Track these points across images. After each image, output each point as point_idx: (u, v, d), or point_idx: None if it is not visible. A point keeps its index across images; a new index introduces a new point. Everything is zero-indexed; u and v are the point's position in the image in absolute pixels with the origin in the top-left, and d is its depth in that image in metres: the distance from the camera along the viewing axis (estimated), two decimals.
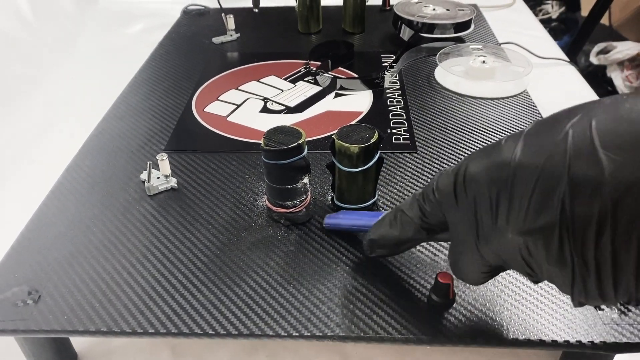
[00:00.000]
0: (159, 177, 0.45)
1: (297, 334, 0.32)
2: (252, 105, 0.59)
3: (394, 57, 0.68)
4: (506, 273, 0.36)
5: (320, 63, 0.66)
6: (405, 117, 0.56)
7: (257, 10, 0.86)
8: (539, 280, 0.26)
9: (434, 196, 0.28)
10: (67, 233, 0.41)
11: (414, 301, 0.34)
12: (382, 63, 0.69)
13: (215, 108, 0.59)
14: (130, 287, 0.36)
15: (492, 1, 0.94)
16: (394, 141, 0.52)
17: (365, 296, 0.35)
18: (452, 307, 0.34)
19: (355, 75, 0.65)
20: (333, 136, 0.39)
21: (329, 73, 0.65)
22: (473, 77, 0.61)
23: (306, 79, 0.65)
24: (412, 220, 0.30)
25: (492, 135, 0.53)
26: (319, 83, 0.63)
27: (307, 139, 0.39)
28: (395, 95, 0.60)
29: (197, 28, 0.82)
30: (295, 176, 0.40)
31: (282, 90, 0.62)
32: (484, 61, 0.63)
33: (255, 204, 0.43)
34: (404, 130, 0.53)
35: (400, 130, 0.53)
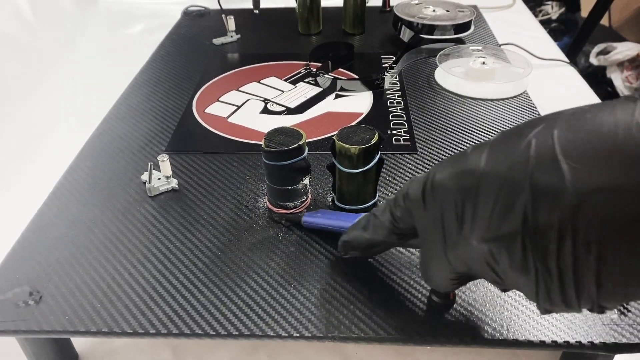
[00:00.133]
0: (159, 178, 0.45)
1: (297, 335, 0.33)
2: (252, 106, 0.60)
3: (394, 58, 0.68)
4: None
5: (321, 64, 0.66)
6: (405, 118, 0.56)
7: (257, 12, 0.86)
8: (506, 288, 0.26)
9: (404, 202, 0.28)
10: (68, 234, 0.41)
11: (414, 302, 0.34)
12: (382, 64, 0.69)
13: (216, 109, 0.59)
14: (131, 287, 0.36)
15: (492, 2, 0.94)
16: (394, 142, 0.52)
17: (365, 297, 0.35)
18: (453, 307, 0.34)
19: (355, 77, 0.65)
20: (333, 137, 0.39)
21: (329, 74, 0.65)
22: (473, 78, 0.62)
23: (306, 80, 0.65)
24: (383, 224, 0.30)
25: (492, 137, 0.53)
26: (319, 84, 0.63)
27: (307, 140, 0.39)
28: (395, 96, 0.60)
29: (198, 29, 0.82)
30: (296, 177, 0.40)
31: (283, 92, 0.63)
32: (484, 62, 0.63)
33: (256, 204, 0.43)
34: (404, 131, 0.53)
35: (401, 131, 0.53)
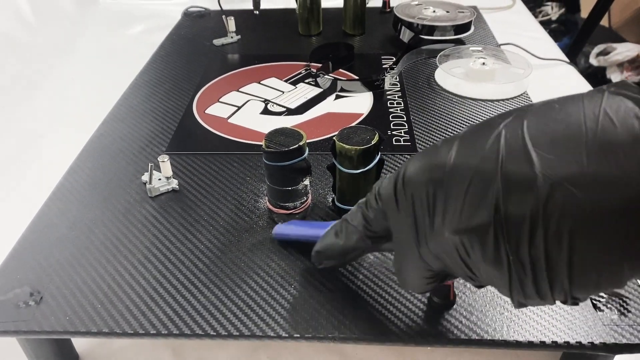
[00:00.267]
0: (160, 179, 0.45)
1: (298, 335, 0.33)
2: (252, 107, 0.60)
3: (394, 59, 0.68)
4: None
5: (321, 65, 0.66)
6: (405, 119, 0.56)
7: (257, 12, 0.86)
8: (480, 284, 0.26)
9: (377, 203, 0.28)
10: (68, 234, 0.41)
11: (414, 302, 0.34)
12: (382, 65, 0.69)
13: (216, 110, 0.59)
14: (131, 288, 0.36)
15: (492, 3, 0.95)
16: (394, 143, 0.52)
17: (365, 297, 0.35)
18: (453, 308, 0.34)
19: (355, 77, 0.65)
20: (334, 138, 0.39)
21: (330, 75, 0.65)
22: (473, 79, 0.62)
23: (307, 81, 0.65)
24: (356, 229, 0.30)
25: None
26: (319, 85, 0.63)
27: (307, 141, 0.39)
28: (395, 97, 0.60)
29: (198, 30, 0.82)
30: (296, 178, 0.40)
31: (283, 92, 0.63)
32: (484, 63, 0.63)
33: (256, 205, 0.43)
34: (404, 132, 0.53)
35: (401, 132, 0.53)
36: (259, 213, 0.43)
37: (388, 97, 0.60)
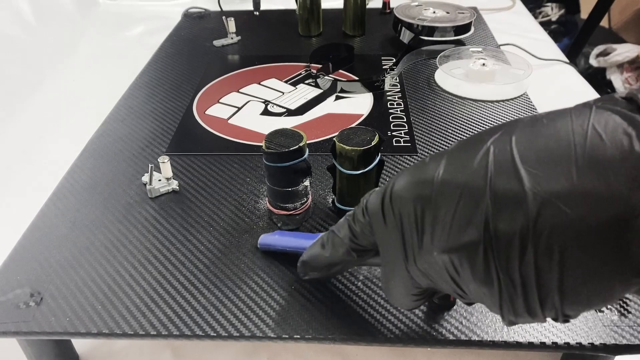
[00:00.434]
0: (160, 180, 0.45)
1: (298, 336, 0.33)
2: (253, 107, 0.60)
3: (394, 60, 0.68)
4: None
5: (321, 66, 0.66)
6: (405, 120, 0.56)
7: (257, 13, 0.86)
8: (470, 301, 0.25)
9: (364, 217, 0.27)
10: (69, 235, 0.41)
11: None
12: (382, 66, 0.69)
13: (216, 111, 0.59)
14: (132, 289, 0.36)
15: (492, 4, 0.95)
16: (394, 144, 0.52)
17: (366, 298, 0.35)
18: (453, 309, 0.34)
19: (355, 78, 0.65)
20: (334, 139, 0.39)
21: (330, 76, 0.65)
22: (473, 79, 0.62)
23: (307, 82, 0.65)
24: (342, 241, 0.29)
25: None
26: (319, 86, 0.63)
27: (307, 142, 0.39)
28: (395, 97, 0.60)
29: (198, 31, 0.82)
30: (296, 179, 0.40)
31: (283, 93, 0.63)
32: (484, 64, 0.63)
33: (256, 206, 0.43)
34: (404, 133, 0.53)
35: (401, 133, 0.54)
36: (259, 214, 0.43)
37: (388, 98, 0.60)
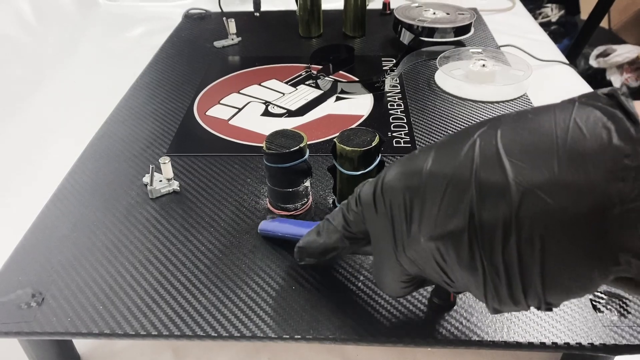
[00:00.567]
0: (161, 180, 0.46)
1: (299, 336, 0.33)
2: (253, 108, 0.60)
3: (395, 61, 0.68)
4: None
5: (321, 67, 0.66)
6: (405, 121, 0.56)
7: (258, 14, 0.87)
8: (457, 289, 0.26)
9: (357, 206, 0.28)
10: (70, 236, 0.41)
11: (415, 304, 0.35)
12: (382, 67, 0.69)
13: (217, 111, 0.59)
14: (133, 289, 0.36)
15: (492, 5, 0.95)
16: (394, 144, 0.52)
17: (366, 299, 0.35)
18: (453, 309, 0.34)
19: (356, 79, 0.65)
20: (334, 140, 0.39)
21: (330, 77, 0.65)
22: (473, 80, 0.62)
23: (307, 83, 0.65)
24: (336, 228, 0.30)
25: None
26: (320, 87, 0.63)
27: (308, 143, 0.39)
28: (395, 98, 0.61)
29: (199, 32, 0.82)
30: (297, 179, 0.40)
31: (284, 94, 0.63)
32: (483, 65, 0.63)
33: (257, 206, 0.44)
34: (404, 134, 0.54)
35: (401, 134, 0.54)
36: (259, 214, 0.43)
37: (388, 98, 0.61)
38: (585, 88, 0.70)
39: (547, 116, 0.21)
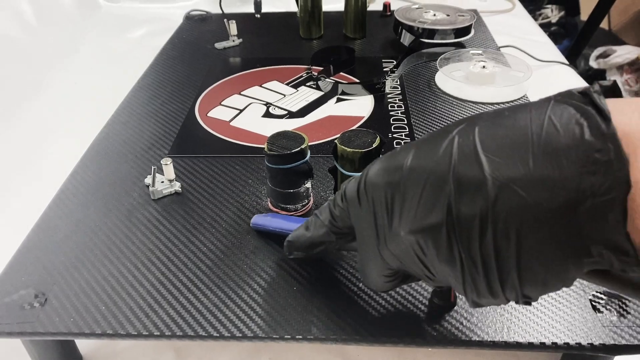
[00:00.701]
0: (163, 182, 0.46)
1: (300, 337, 0.33)
2: (254, 110, 0.60)
3: (395, 63, 0.69)
4: None
5: (322, 68, 0.67)
6: (406, 122, 0.56)
7: (259, 16, 0.87)
8: (438, 284, 0.27)
9: (342, 202, 0.29)
10: (72, 237, 0.41)
11: (415, 304, 0.35)
12: (383, 68, 0.69)
13: (218, 113, 0.59)
14: (135, 290, 0.36)
15: (492, 6, 0.95)
16: (395, 146, 0.52)
17: (367, 299, 0.35)
18: (454, 309, 0.34)
19: (356, 81, 0.65)
20: (335, 141, 0.39)
21: (331, 78, 0.65)
22: (473, 82, 0.62)
23: (308, 84, 0.65)
24: (322, 223, 0.31)
25: None
26: (320, 88, 0.64)
27: (309, 144, 0.39)
28: (396, 100, 0.61)
29: (200, 33, 0.82)
30: (298, 180, 0.40)
31: (285, 95, 0.63)
32: (484, 66, 0.63)
33: (258, 207, 0.44)
34: (405, 135, 0.54)
35: (402, 135, 0.54)
36: None
37: (389, 100, 0.61)
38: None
39: (523, 113, 0.22)
